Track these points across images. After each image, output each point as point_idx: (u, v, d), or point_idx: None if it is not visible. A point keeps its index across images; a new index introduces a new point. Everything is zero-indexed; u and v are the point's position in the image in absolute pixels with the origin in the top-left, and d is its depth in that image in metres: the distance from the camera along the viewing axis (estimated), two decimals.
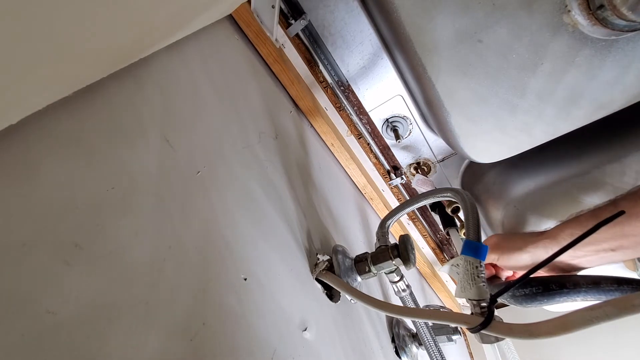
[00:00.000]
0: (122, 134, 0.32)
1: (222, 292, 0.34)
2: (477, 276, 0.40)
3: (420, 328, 0.67)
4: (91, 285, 0.23)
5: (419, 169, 1.10)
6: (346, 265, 0.56)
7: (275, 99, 0.74)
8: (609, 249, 0.47)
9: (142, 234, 0.29)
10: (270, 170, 0.56)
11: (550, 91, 0.53)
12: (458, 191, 0.51)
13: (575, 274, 0.55)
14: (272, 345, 0.37)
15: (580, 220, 0.49)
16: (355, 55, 0.85)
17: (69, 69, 0.23)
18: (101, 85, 0.31)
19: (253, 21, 0.66)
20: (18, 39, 0.17)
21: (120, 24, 0.24)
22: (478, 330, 0.37)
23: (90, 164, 0.28)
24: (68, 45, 0.21)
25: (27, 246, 0.21)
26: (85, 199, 0.26)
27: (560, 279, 0.54)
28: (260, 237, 0.45)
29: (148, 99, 0.37)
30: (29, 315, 0.20)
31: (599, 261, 0.50)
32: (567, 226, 0.51)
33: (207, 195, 0.39)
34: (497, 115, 0.58)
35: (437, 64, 0.56)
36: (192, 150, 0.40)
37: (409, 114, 0.98)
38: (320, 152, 0.89)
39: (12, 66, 0.19)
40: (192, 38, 0.50)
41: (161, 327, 0.27)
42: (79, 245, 0.24)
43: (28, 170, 0.23)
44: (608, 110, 0.53)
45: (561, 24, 0.47)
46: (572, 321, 0.32)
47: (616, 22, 0.44)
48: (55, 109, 0.26)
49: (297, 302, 0.46)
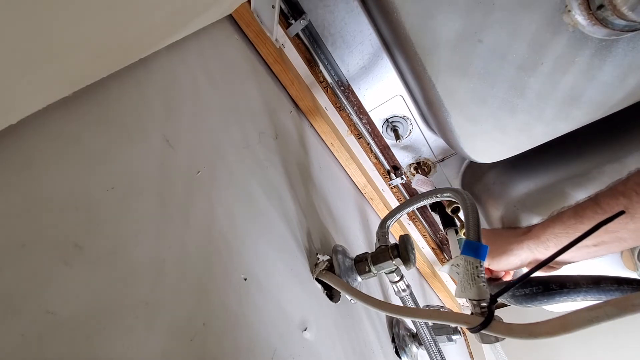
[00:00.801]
0: (122, 134, 0.32)
1: (222, 292, 0.34)
2: (477, 276, 0.40)
3: (420, 328, 0.67)
4: (91, 285, 0.23)
5: (419, 169, 1.10)
6: (346, 265, 0.56)
7: (276, 99, 0.74)
8: (591, 244, 0.48)
9: (142, 234, 0.29)
10: (271, 170, 0.56)
11: (550, 91, 0.53)
12: (458, 191, 0.51)
13: (560, 272, 0.55)
14: (272, 345, 0.37)
15: (562, 219, 0.49)
16: (356, 55, 0.85)
17: (68, 68, 0.23)
18: (101, 85, 0.31)
19: (253, 21, 0.66)
20: (18, 39, 0.17)
21: (120, 23, 0.24)
22: (478, 330, 0.37)
23: (90, 164, 0.28)
24: (68, 45, 0.21)
25: (27, 246, 0.21)
26: (85, 199, 0.26)
27: (561, 279, 0.54)
28: (260, 237, 0.45)
29: (148, 99, 0.37)
30: (29, 315, 0.20)
31: (582, 257, 0.51)
32: (549, 225, 0.52)
33: (207, 195, 0.39)
34: (497, 115, 0.58)
35: (437, 64, 0.56)
36: (193, 150, 0.40)
37: (409, 113, 0.98)
38: (320, 152, 0.89)
39: (11, 66, 0.19)
40: (192, 38, 0.50)
41: (161, 327, 0.27)
42: (78, 245, 0.24)
43: (28, 170, 0.23)
44: (608, 110, 0.53)
45: (561, 24, 0.47)
46: (572, 321, 0.32)
47: (616, 22, 0.44)
48: (55, 109, 0.26)
49: (297, 302, 0.46)
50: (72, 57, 0.22)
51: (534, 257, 0.55)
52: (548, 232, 0.51)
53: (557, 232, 0.50)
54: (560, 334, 0.33)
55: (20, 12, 0.16)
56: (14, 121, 0.22)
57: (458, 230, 1.10)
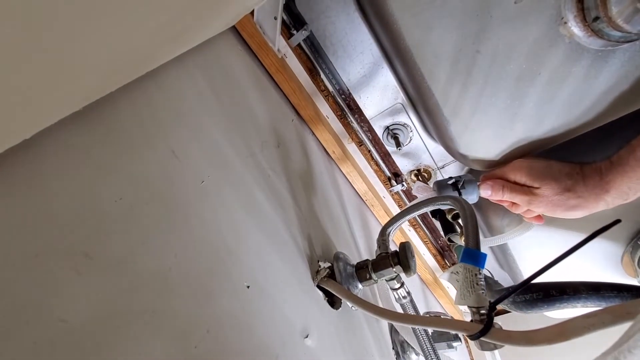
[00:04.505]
0: (129, 146, 0.33)
1: (226, 300, 0.35)
2: (476, 284, 0.41)
3: (420, 336, 0.67)
4: (101, 294, 0.24)
5: (419, 176, 1.11)
6: (347, 272, 0.57)
7: (278, 108, 0.75)
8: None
9: (148, 243, 0.30)
10: (273, 179, 0.57)
11: (548, 100, 0.54)
12: (457, 199, 0.52)
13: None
14: (274, 352, 0.38)
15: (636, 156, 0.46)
16: (356, 64, 0.86)
17: (82, 86, 0.24)
18: (110, 98, 0.32)
19: (256, 32, 0.67)
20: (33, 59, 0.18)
21: (131, 42, 0.25)
22: (477, 337, 0.38)
23: (99, 176, 0.29)
24: (80, 63, 0.22)
25: (39, 256, 0.22)
26: (95, 209, 0.27)
27: (561, 285, 0.55)
28: (263, 245, 0.46)
29: (155, 111, 0.38)
30: (41, 323, 0.21)
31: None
32: (624, 170, 0.47)
33: (210, 204, 0.40)
34: (496, 124, 0.59)
35: (437, 74, 0.57)
36: (197, 160, 0.41)
37: (409, 121, 0.99)
38: (322, 159, 0.90)
39: (26, 85, 0.20)
40: (197, 49, 0.51)
41: (166, 334, 0.27)
42: (88, 255, 0.25)
43: (40, 182, 0.24)
44: (606, 118, 0.54)
45: (558, 35, 0.48)
46: (569, 328, 0.32)
47: (612, 34, 0.45)
48: (67, 124, 0.27)
49: (299, 309, 0.47)
50: (86, 75, 0.23)
51: (607, 207, 0.51)
52: (627, 177, 0.47)
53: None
54: (558, 342, 0.33)
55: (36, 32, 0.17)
56: (28, 136, 0.23)
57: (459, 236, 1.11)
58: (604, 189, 0.49)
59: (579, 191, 0.51)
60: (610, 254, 0.72)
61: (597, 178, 0.50)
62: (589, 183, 0.51)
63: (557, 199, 0.52)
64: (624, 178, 0.47)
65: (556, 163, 0.55)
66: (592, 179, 0.50)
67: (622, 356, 0.22)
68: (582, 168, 0.52)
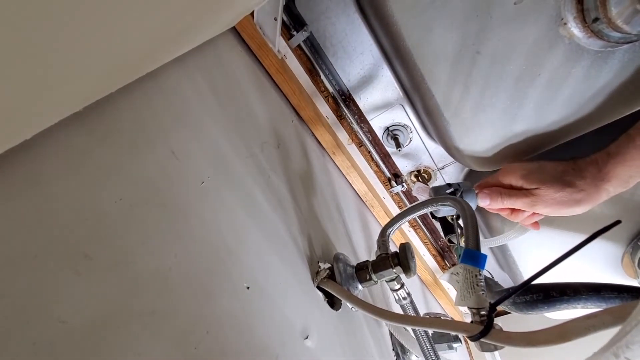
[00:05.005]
0: (129, 146, 0.33)
1: (226, 301, 0.35)
2: (476, 284, 0.41)
3: (421, 337, 0.67)
4: (100, 294, 0.24)
5: (419, 177, 1.11)
6: (347, 273, 0.57)
7: (278, 108, 0.75)
8: None
9: (148, 244, 0.30)
10: (273, 179, 0.57)
11: (548, 101, 0.54)
12: (457, 200, 0.52)
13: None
14: (274, 353, 0.38)
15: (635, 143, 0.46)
16: (356, 65, 0.86)
17: (80, 85, 0.24)
18: (110, 98, 0.32)
19: (256, 33, 0.67)
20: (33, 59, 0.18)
21: (132, 43, 0.25)
22: (477, 338, 0.38)
23: (98, 176, 0.29)
24: (81, 64, 0.22)
25: (39, 257, 0.22)
26: (94, 210, 0.27)
27: (561, 286, 0.55)
28: (263, 245, 0.46)
29: (155, 112, 0.38)
30: (41, 323, 0.21)
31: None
32: (624, 159, 0.47)
33: (210, 205, 0.40)
34: (496, 125, 0.59)
35: (436, 75, 0.58)
36: (197, 160, 0.41)
37: (409, 122, 0.99)
38: (322, 160, 0.90)
39: (26, 85, 0.20)
40: (197, 50, 0.51)
41: (166, 335, 0.27)
42: (88, 255, 0.25)
43: (39, 183, 0.24)
44: (606, 119, 0.54)
45: (557, 36, 0.48)
46: (570, 329, 0.32)
47: (612, 35, 0.45)
48: (67, 124, 0.27)
49: (299, 309, 0.47)
50: (86, 76, 0.23)
51: (609, 197, 0.51)
52: (627, 166, 0.47)
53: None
54: (559, 343, 0.33)
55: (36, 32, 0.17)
56: (29, 136, 0.23)
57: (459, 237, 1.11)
58: (604, 179, 0.49)
59: (579, 185, 0.51)
60: (610, 255, 0.72)
61: (595, 170, 0.50)
62: (586, 176, 0.50)
63: (561, 196, 0.52)
64: (625, 167, 0.47)
65: (548, 163, 0.54)
66: (590, 172, 0.50)
67: (621, 351, 0.22)
68: (576, 162, 0.52)
